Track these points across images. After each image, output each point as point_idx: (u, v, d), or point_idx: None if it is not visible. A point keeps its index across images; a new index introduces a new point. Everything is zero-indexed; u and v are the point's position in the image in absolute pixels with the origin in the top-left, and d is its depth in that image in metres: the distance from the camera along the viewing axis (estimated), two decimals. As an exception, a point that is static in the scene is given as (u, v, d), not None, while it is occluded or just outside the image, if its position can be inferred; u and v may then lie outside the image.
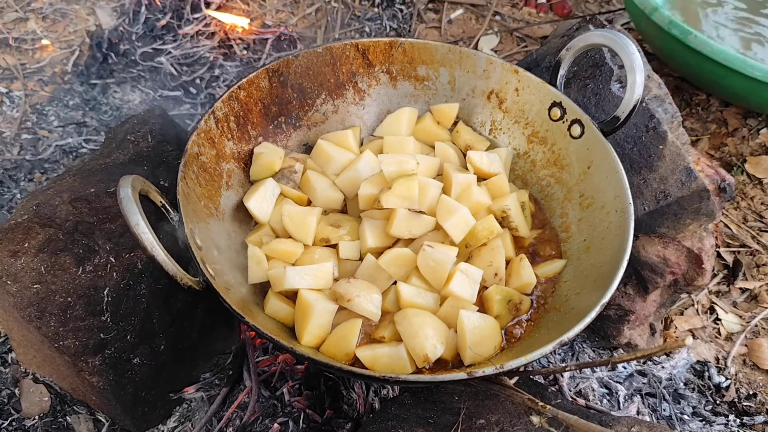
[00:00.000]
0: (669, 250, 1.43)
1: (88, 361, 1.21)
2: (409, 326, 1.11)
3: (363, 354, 1.11)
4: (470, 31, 2.41)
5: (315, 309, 1.12)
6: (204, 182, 1.21)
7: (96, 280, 1.21)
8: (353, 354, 1.12)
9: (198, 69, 2.15)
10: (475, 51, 1.43)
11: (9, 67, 2.13)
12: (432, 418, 1.09)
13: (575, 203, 1.33)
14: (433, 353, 1.09)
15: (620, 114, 1.24)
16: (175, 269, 0.97)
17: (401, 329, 1.12)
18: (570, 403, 1.30)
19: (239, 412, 1.37)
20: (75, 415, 1.39)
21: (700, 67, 1.85)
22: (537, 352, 0.98)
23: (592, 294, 1.11)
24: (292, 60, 1.38)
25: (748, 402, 1.52)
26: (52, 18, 2.32)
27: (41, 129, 1.97)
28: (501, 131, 1.46)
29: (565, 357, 1.55)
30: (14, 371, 1.44)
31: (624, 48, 1.22)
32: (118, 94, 2.07)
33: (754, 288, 1.74)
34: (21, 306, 1.18)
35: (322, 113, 1.47)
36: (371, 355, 1.11)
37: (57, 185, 1.27)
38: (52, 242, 1.19)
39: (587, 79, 1.46)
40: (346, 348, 1.12)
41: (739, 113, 2.12)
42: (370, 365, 1.10)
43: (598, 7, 2.56)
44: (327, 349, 1.13)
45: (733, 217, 1.89)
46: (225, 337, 1.48)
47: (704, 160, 1.49)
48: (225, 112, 1.29)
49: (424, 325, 1.11)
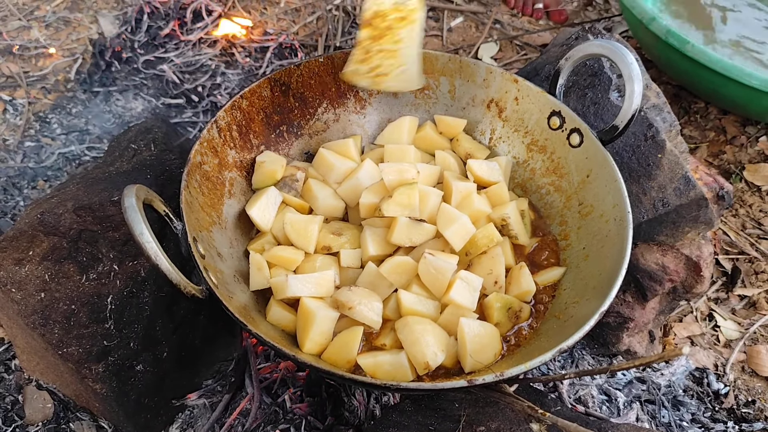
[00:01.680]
0: (668, 257, 1.44)
1: (91, 368, 1.22)
2: (410, 334, 1.12)
3: (364, 361, 1.12)
4: (470, 39, 2.43)
5: (317, 317, 1.13)
6: (207, 191, 1.23)
7: (99, 287, 1.22)
8: (354, 361, 1.13)
9: (200, 77, 2.16)
10: (475, 60, 1.45)
11: (12, 74, 2.14)
12: (433, 425, 1.10)
13: (574, 211, 1.34)
14: (433, 360, 1.10)
15: (619, 123, 1.25)
16: (178, 278, 0.98)
17: (402, 337, 1.13)
18: (569, 410, 1.31)
19: (241, 419, 1.38)
20: (78, 421, 1.40)
21: (698, 76, 1.87)
22: (536, 359, 0.99)
23: (592, 301, 1.12)
24: (294, 69, 1.40)
25: (746, 409, 1.53)
26: (55, 26, 2.33)
27: (44, 137, 1.99)
28: (501, 140, 1.48)
29: (564, 364, 1.56)
30: (18, 378, 1.45)
31: (622, 58, 1.23)
32: (121, 102, 2.09)
33: (752, 295, 1.75)
34: (25, 313, 1.19)
35: (324, 122, 1.48)
36: (372, 362, 1.12)
37: (61, 194, 1.28)
38: (56, 250, 1.20)
39: (586, 88, 1.47)
40: (347, 355, 1.13)
41: (738, 121, 2.14)
42: (371, 372, 1.11)
43: (597, 14, 2.58)
44: (328, 357, 1.14)
45: (732, 225, 1.90)
46: (227, 345, 1.49)
47: (703, 168, 1.50)
48: (228, 121, 1.30)
49: (424, 332, 1.12)
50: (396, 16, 1.30)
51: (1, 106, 2.06)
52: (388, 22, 1.30)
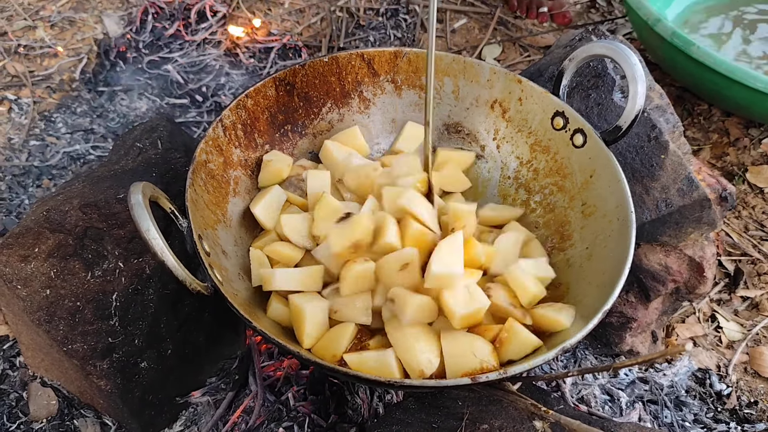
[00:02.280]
0: (671, 258, 1.44)
1: (96, 365, 1.23)
2: (402, 339, 1.10)
3: (350, 358, 1.10)
4: (474, 40, 2.44)
5: (306, 311, 1.12)
6: (212, 189, 1.23)
7: (105, 284, 1.23)
8: (340, 356, 1.11)
9: (204, 77, 2.17)
10: (479, 61, 1.45)
11: (18, 74, 2.15)
12: (436, 422, 1.10)
13: (578, 211, 1.34)
14: (428, 368, 1.08)
15: (622, 124, 1.26)
16: (184, 274, 0.98)
17: (393, 341, 1.12)
18: (572, 409, 1.31)
19: (245, 417, 1.38)
20: (82, 418, 1.40)
21: (701, 78, 1.87)
22: (540, 358, 1.00)
23: (594, 301, 1.12)
24: (299, 69, 1.40)
25: (749, 410, 1.53)
26: (60, 26, 2.34)
27: (49, 136, 2.00)
28: (504, 140, 1.48)
29: (567, 364, 1.56)
30: (22, 375, 1.45)
31: (626, 59, 1.23)
32: (125, 101, 2.10)
33: (755, 296, 1.76)
34: (31, 310, 1.20)
35: (328, 121, 1.49)
36: (357, 359, 1.10)
37: (67, 191, 1.29)
38: (62, 247, 1.21)
39: (590, 89, 1.48)
40: (334, 350, 1.12)
41: (741, 123, 2.14)
42: (356, 368, 1.09)
43: (600, 17, 2.58)
44: (317, 350, 1.13)
45: (735, 226, 1.90)
46: (231, 342, 1.50)
47: (706, 170, 1.50)
48: (233, 120, 1.31)
49: (417, 337, 1.10)
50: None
51: (7, 106, 2.07)
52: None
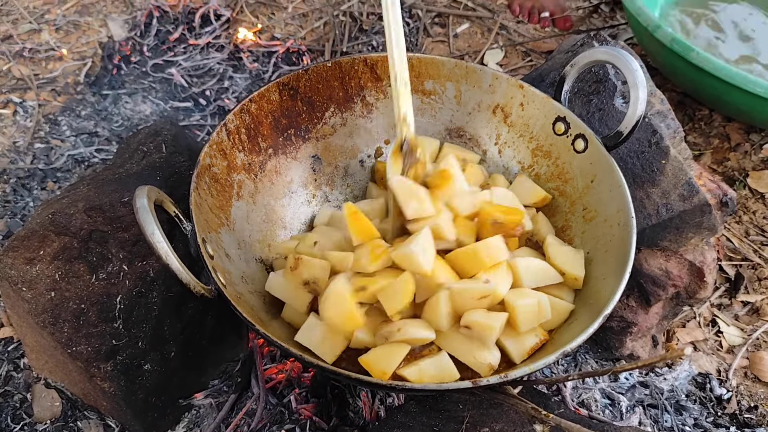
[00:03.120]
0: (671, 263, 1.45)
1: (100, 367, 1.24)
2: (458, 342, 1.13)
3: (407, 372, 1.10)
4: (476, 45, 2.45)
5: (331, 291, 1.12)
6: (215, 193, 1.24)
7: (109, 287, 1.23)
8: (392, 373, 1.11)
9: (208, 81, 2.18)
10: (481, 66, 1.46)
11: (23, 77, 2.17)
12: (437, 426, 1.11)
13: (579, 216, 1.35)
14: (495, 360, 1.12)
15: (623, 129, 1.26)
16: (188, 277, 0.99)
17: (451, 349, 1.13)
18: (573, 413, 1.32)
19: (247, 419, 1.39)
20: (86, 420, 1.41)
21: (702, 83, 1.88)
22: (540, 361, 1.00)
23: (595, 305, 1.13)
24: (302, 74, 1.41)
25: (749, 414, 1.54)
26: (65, 29, 2.36)
27: (54, 138, 2.01)
28: (506, 145, 1.49)
29: (568, 368, 1.57)
30: (26, 376, 1.46)
31: (627, 65, 1.24)
32: (129, 104, 2.11)
33: (755, 301, 1.76)
34: (35, 312, 1.21)
35: (331, 126, 1.50)
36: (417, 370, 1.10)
37: (72, 194, 1.30)
38: (66, 250, 1.22)
39: (591, 94, 1.49)
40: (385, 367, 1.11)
41: (742, 128, 2.15)
42: (417, 380, 1.09)
43: (602, 22, 2.59)
44: (366, 363, 1.12)
45: (735, 231, 1.91)
46: (234, 345, 1.50)
47: (706, 175, 1.51)
48: (236, 125, 1.32)
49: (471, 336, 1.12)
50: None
51: (12, 108, 2.08)
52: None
